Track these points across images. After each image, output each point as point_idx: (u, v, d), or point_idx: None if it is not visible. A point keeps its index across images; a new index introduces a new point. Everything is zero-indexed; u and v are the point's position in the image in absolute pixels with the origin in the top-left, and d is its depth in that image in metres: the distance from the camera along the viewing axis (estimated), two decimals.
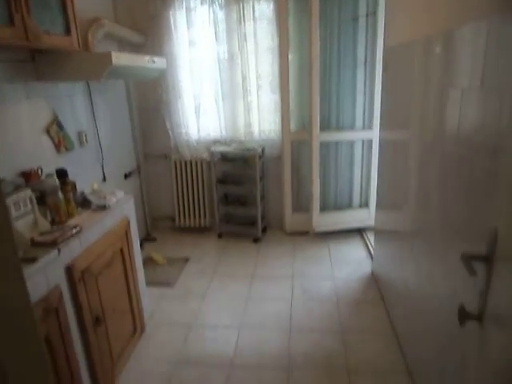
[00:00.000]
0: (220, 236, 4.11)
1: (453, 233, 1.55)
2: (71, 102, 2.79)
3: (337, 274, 3.30)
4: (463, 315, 1.03)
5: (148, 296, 2.76)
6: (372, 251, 3.54)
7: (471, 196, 1.36)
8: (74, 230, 1.83)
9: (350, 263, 3.48)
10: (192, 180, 4.08)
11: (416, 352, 2.11)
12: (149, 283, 2.98)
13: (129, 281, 2.38)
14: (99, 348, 2.00)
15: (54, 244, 1.68)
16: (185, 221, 4.23)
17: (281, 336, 2.52)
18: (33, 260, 1.53)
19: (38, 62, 2.36)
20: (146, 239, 4.11)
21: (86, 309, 1.88)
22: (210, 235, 4.18)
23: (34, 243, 1.68)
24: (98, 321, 1.97)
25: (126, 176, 3.73)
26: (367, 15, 3.67)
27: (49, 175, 1.95)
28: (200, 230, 4.27)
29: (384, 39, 2.99)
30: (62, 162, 2.54)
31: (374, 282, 3.14)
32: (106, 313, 2.09)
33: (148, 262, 3.54)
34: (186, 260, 3.64)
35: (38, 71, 2.38)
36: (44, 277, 1.59)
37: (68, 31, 2.22)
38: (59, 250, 1.68)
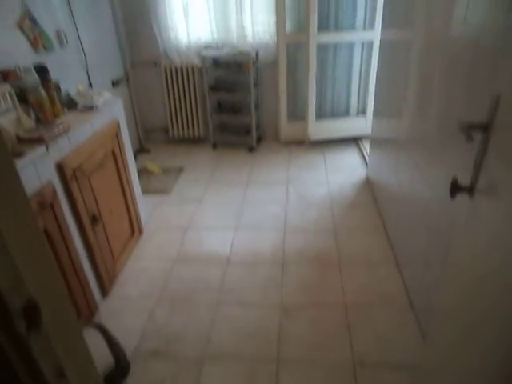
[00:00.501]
0: (214, 146, 4.07)
1: (452, 107, 1.50)
2: None
3: (331, 179, 3.32)
4: (455, 188, 1.02)
5: (144, 202, 2.79)
6: (367, 158, 3.53)
7: (472, 72, 1.29)
8: (62, 128, 1.77)
9: (345, 170, 3.49)
10: (183, 88, 3.91)
11: (404, 245, 2.20)
12: (145, 191, 3.01)
13: (123, 185, 2.38)
14: (99, 246, 2.06)
15: (40, 140, 1.63)
16: (178, 132, 4.14)
17: (275, 236, 2.61)
18: (20, 154, 1.49)
19: None
20: (139, 151, 4.06)
21: (82, 207, 1.89)
22: (205, 146, 4.13)
23: (21, 140, 1.63)
24: (95, 219, 2.00)
25: (113, 84, 3.56)
26: None
27: (27, 70, 1.83)
28: (194, 141, 4.21)
29: None
30: (42, 61, 2.38)
31: (368, 186, 3.18)
32: (103, 213, 2.12)
33: (143, 172, 3.54)
34: (181, 169, 3.64)
35: None
36: (35, 172, 1.57)
37: None
38: (47, 147, 1.64)
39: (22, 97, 1.84)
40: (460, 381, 1.09)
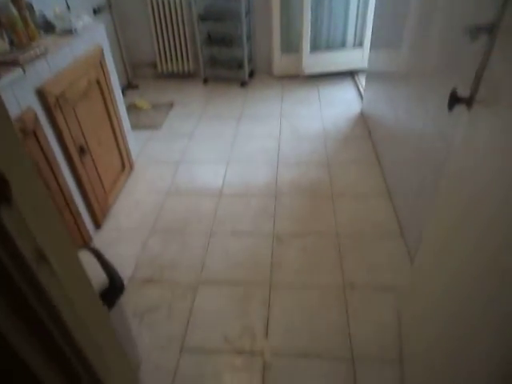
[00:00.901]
0: (205, 81, 3.91)
1: (457, 12, 1.42)
2: None
3: (326, 113, 3.24)
4: (454, 99, 0.98)
5: (134, 138, 2.73)
6: (362, 92, 3.43)
7: None
8: (38, 51, 1.65)
9: (340, 104, 3.40)
10: (171, 18, 3.67)
11: (397, 177, 2.19)
12: (134, 127, 2.93)
13: (111, 116, 2.30)
14: (89, 178, 2.03)
15: (15, 63, 1.53)
16: (167, 66, 3.96)
17: (268, 169, 2.58)
18: None
19: None
20: (127, 87, 3.90)
21: (69, 138, 1.83)
22: (195, 81, 3.97)
23: None
24: (82, 151, 1.95)
25: (95, 11, 3.33)
26: None
27: None
28: (184, 76, 4.04)
29: None
30: None
31: (363, 120, 3.11)
32: (91, 145, 2.06)
33: (132, 108, 3.42)
34: (171, 105, 3.52)
35: None
36: (13, 97, 1.49)
37: None
38: (24, 70, 1.54)
39: None
40: (442, 298, 1.12)
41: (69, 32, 1.97)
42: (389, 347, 1.51)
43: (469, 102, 0.97)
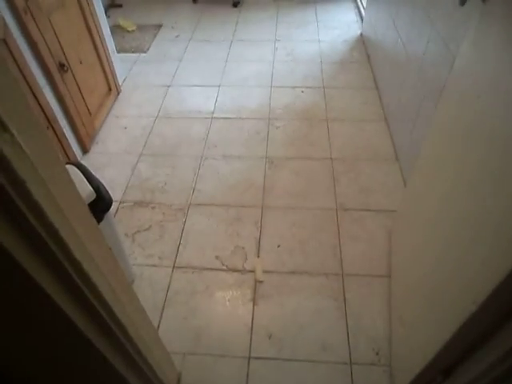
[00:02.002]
0: (195, 0, 3.62)
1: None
2: None
3: (323, 36, 3.05)
4: None
5: (120, 60, 2.56)
6: (363, 14, 3.20)
7: None
8: None
9: (339, 26, 3.19)
10: None
11: (395, 102, 2.10)
12: (120, 50, 2.76)
13: (92, 32, 2.13)
14: (72, 98, 1.92)
15: None
16: None
17: (261, 92, 2.47)
18: None
19: None
20: (110, 6, 3.60)
21: (45, 50, 1.70)
22: (184, 0, 3.67)
23: None
24: (63, 67, 1.82)
25: None
26: None
27: None
28: None
29: None
30: None
31: (362, 43, 2.94)
32: (72, 63, 1.93)
33: (116, 29, 3.19)
34: (159, 26, 3.28)
35: None
36: None
37: None
38: None
39: None
40: (432, 220, 1.10)
41: None
42: (378, 264, 1.54)
43: None
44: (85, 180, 1.16)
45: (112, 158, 2.06)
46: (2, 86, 0.38)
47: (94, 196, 1.14)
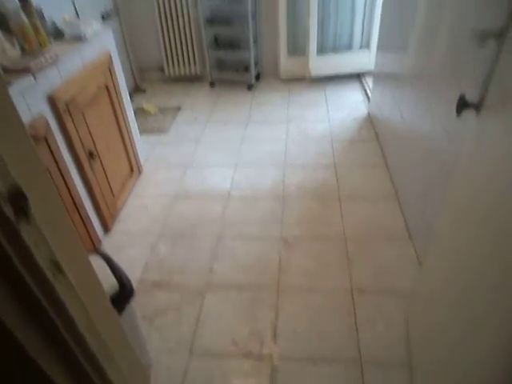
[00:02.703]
0: (212, 84, 3.93)
1: (464, 17, 1.41)
2: None
3: (333, 116, 3.24)
4: (462, 104, 0.98)
5: (142, 142, 2.75)
6: (369, 94, 3.42)
7: None
8: (49, 58, 1.68)
9: (347, 106, 3.39)
10: (178, 21, 3.70)
11: (405, 179, 2.18)
12: (142, 131, 2.96)
13: (119, 120, 2.32)
14: (98, 182, 2.05)
15: (27, 70, 1.56)
16: (174, 70, 3.98)
17: (275, 172, 2.59)
18: (6, 83, 1.43)
19: None
20: (135, 91, 3.93)
21: (78, 143, 1.86)
22: (202, 84, 3.99)
23: (6, 70, 1.55)
24: (92, 156, 1.97)
25: (103, 17, 3.36)
26: None
27: None
28: (191, 79, 4.06)
29: None
30: None
31: (370, 122, 3.11)
32: (100, 150, 2.09)
33: (139, 112, 3.45)
34: (179, 109, 3.54)
35: None
36: (24, 104, 1.51)
37: None
38: (34, 77, 1.56)
39: (4, 24, 1.73)
40: (454, 303, 1.11)
41: (78, 38, 2.00)
42: (397, 350, 1.51)
43: (477, 106, 0.97)
44: (109, 271, 1.22)
45: (132, 238, 2.14)
46: (60, 241, 0.45)
47: (117, 289, 1.19)
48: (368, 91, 3.52)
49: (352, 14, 3.74)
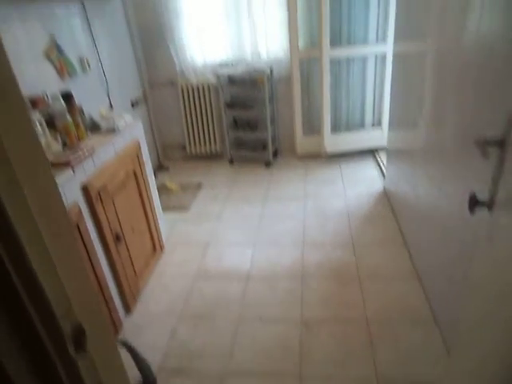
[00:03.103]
0: (231, 162, 4.13)
1: (467, 122, 1.51)
2: (68, 26, 2.67)
3: (349, 192, 3.33)
4: (474, 203, 1.03)
5: (164, 219, 2.85)
6: (384, 170, 3.53)
7: (487, 86, 1.31)
8: (87, 151, 1.84)
9: (362, 182, 3.49)
10: (200, 106, 4.00)
11: (425, 259, 2.18)
12: (164, 209, 3.07)
13: (144, 203, 2.45)
14: (122, 264, 2.12)
15: (67, 165, 1.71)
16: (195, 148, 4.23)
17: (294, 250, 2.62)
18: None
19: None
20: (158, 169, 4.15)
21: (106, 227, 1.96)
22: (222, 161, 4.20)
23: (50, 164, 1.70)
24: (118, 238, 2.06)
25: (133, 104, 3.68)
26: None
27: (55, 98, 1.92)
28: (211, 157, 4.28)
29: None
30: (67, 87, 2.50)
31: (386, 198, 3.17)
32: (126, 232, 2.18)
33: (162, 189, 3.61)
34: (200, 186, 3.70)
35: None
36: (62, 194, 1.63)
37: None
38: (73, 170, 1.71)
39: (50, 123, 1.93)
40: None
41: (112, 131, 2.19)
42: None
43: (489, 204, 1.02)
44: (132, 363, 1.23)
45: (153, 320, 2.15)
46: (110, 372, 0.50)
47: (140, 380, 1.19)
48: (382, 167, 3.63)
49: (363, 95, 3.99)
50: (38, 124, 1.78)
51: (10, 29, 2.14)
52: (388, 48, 3.57)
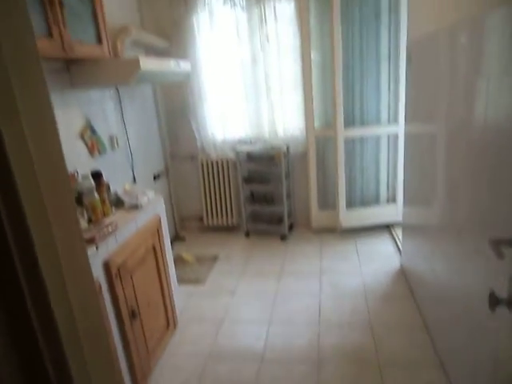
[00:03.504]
0: (247, 234, 4.17)
1: (481, 221, 1.54)
2: (102, 108, 2.91)
3: (365, 269, 3.29)
4: (494, 301, 1.03)
5: (179, 293, 2.85)
6: (400, 246, 3.51)
7: (500, 183, 1.36)
8: (110, 229, 1.92)
9: (378, 259, 3.46)
10: (219, 179, 4.16)
11: (447, 344, 2.09)
12: (180, 281, 3.08)
13: (161, 277, 2.47)
14: (135, 341, 2.09)
15: (92, 241, 1.78)
16: (212, 220, 4.31)
17: (310, 330, 2.55)
18: None
19: (73, 71, 2.49)
20: (175, 239, 4.22)
21: (123, 302, 1.97)
22: (238, 234, 4.24)
23: None
24: (133, 315, 2.06)
25: (154, 177, 3.85)
26: (389, 10, 3.64)
27: (85, 177, 2.05)
28: (228, 229, 4.34)
29: (407, 32, 2.96)
30: (96, 164, 2.67)
31: (403, 276, 3.11)
32: (141, 307, 2.18)
33: (178, 261, 3.64)
34: (215, 258, 3.72)
35: (73, 79, 2.50)
36: None
37: (99, 40, 2.33)
38: (97, 247, 1.77)
39: (79, 199, 2.04)
40: None
41: (135, 207, 2.29)
42: None
43: (509, 303, 1.02)
44: None
45: None
46: None
47: None
48: (399, 243, 3.62)
49: (377, 172, 4.10)
50: None
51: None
52: (400, 129, 3.75)
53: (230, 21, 3.76)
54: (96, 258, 1.78)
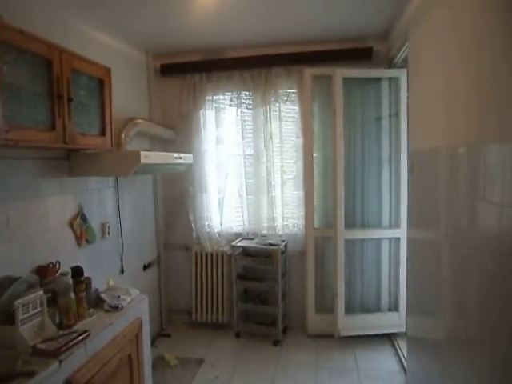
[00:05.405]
0: (238, 335, 3.84)
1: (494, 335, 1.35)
2: (99, 196, 2.85)
3: None
4: None
5: None
6: (405, 363, 3.18)
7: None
8: (81, 337, 1.71)
9: (380, 377, 3.12)
10: (212, 273, 3.96)
11: None
12: None
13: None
14: None
15: (56, 354, 1.56)
16: (201, 316, 4.01)
17: None
18: (30, 374, 1.40)
19: (72, 159, 2.46)
20: (159, 335, 3.88)
21: None
22: (228, 333, 3.91)
23: (36, 351, 1.56)
24: None
25: (145, 267, 3.66)
26: (390, 116, 3.77)
27: (63, 273, 1.90)
28: (217, 327, 4.02)
29: (408, 141, 3.02)
30: (81, 255, 2.52)
31: None
32: None
33: (159, 361, 3.30)
34: (201, 362, 3.37)
35: (71, 168, 2.47)
36: None
37: (103, 133, 2.34)
38: (60, 362, 1.55)
39: (53, 298, 1.86)
40: None
41: (115, 308, 2.08)
42: None
43: None
44: None
45: None
46: None
47: None
48: (403, 358, 3.29)
49: (378, 277, 3.89)
50: (38, 303, 1.70)
51: (47, 199, 2.28)
52: (402, 233, 3.64)
53: (235, 118, 3.89)
54: (57, 375, 1.54)
